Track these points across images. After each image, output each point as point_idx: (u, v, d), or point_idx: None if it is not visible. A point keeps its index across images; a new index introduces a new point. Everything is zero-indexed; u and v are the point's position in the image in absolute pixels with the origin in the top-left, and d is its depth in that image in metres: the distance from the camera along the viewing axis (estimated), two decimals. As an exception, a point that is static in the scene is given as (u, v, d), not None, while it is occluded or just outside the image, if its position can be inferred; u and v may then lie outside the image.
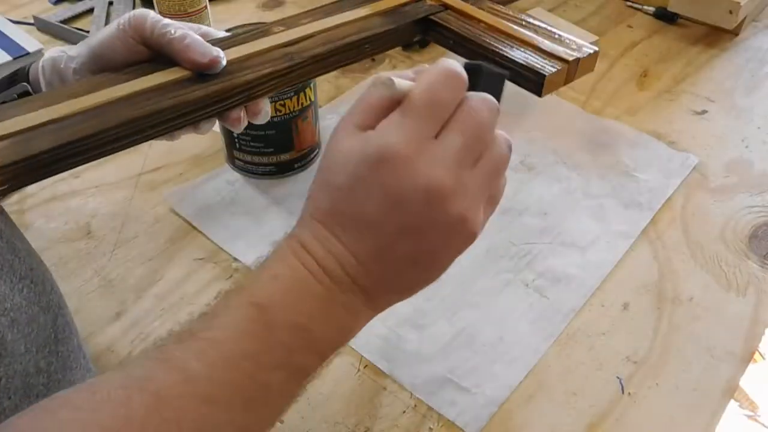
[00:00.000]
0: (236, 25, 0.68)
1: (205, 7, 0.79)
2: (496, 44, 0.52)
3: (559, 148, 0.74)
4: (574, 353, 0.54)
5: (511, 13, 0.56)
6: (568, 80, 0.52)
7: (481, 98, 0.33)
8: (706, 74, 0.87)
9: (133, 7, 0.97)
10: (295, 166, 0.70)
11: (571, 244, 0.63)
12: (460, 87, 0.32)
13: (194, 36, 0.43)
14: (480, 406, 0.50)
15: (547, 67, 0.49)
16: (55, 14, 0.95)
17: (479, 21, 0.54)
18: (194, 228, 0.64)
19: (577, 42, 0.52)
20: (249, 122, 0.47)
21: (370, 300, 0.34)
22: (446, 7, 0.55)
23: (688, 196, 0.69)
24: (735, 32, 0.93)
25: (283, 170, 0.70)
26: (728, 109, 0.81)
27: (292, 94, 0.64)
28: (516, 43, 0.52)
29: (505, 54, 0.51)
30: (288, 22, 0.51)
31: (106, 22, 0.93)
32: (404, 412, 0.50)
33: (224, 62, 0.44)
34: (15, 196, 0.66)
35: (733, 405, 0.51)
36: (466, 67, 0.34)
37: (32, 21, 0.94)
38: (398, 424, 0.49)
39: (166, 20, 0.44)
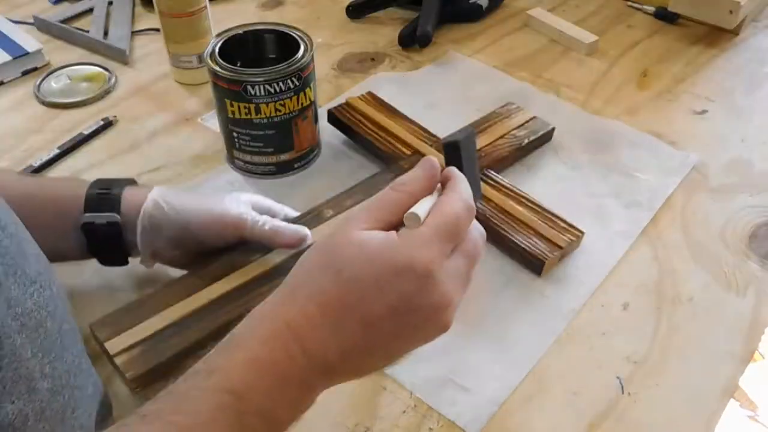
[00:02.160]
0: (235, 25, 0.68)
1: (205, 7, 0.79)
2: (504, 227, 0.60)
3: (559, 148, 0.74)
4: (574, 353, 0.54)
5: (515, 191, 0.64)
6: (561, 258, 0.60)
7: (479, 231, 0.39)
8: (706, 74, 0.87)
9: (133, 8, 0.97)
10: (295, 165, 0.70)
11: (571, 244, 0.63)
12: (472, 217, 0.38)
13: (283, 225, 0.54)
14: (480, 406, 0.50)
15: (546, 253, 0.58)
16: (55, 14, 0.95)
17: (489, 200, 0.62)
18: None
19: (566, 222, 0.61)
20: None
21: (330, 382, 0.36)
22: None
23: (688, 195, 0.69)
24: (735, 32, 0.93)
25: (283, 170, 0.70)
26: (728, 109, 0.81)
27: (292, 93, 0.64)
28: (521, 227, 0.60)
29: (512, 239, 0.59)
30: (334, 205, 0.61)
31: (106, 23, 0.93)
32: (404, 412, 0.50)
33: (309, 239, 0.54)
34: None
35: (733, 405, 0.51)
36: (448, 144, 0.42)
37: (32, 21, 0.94)
38: (398, 424, 0.49)
39: (260, 217, 0.53)
